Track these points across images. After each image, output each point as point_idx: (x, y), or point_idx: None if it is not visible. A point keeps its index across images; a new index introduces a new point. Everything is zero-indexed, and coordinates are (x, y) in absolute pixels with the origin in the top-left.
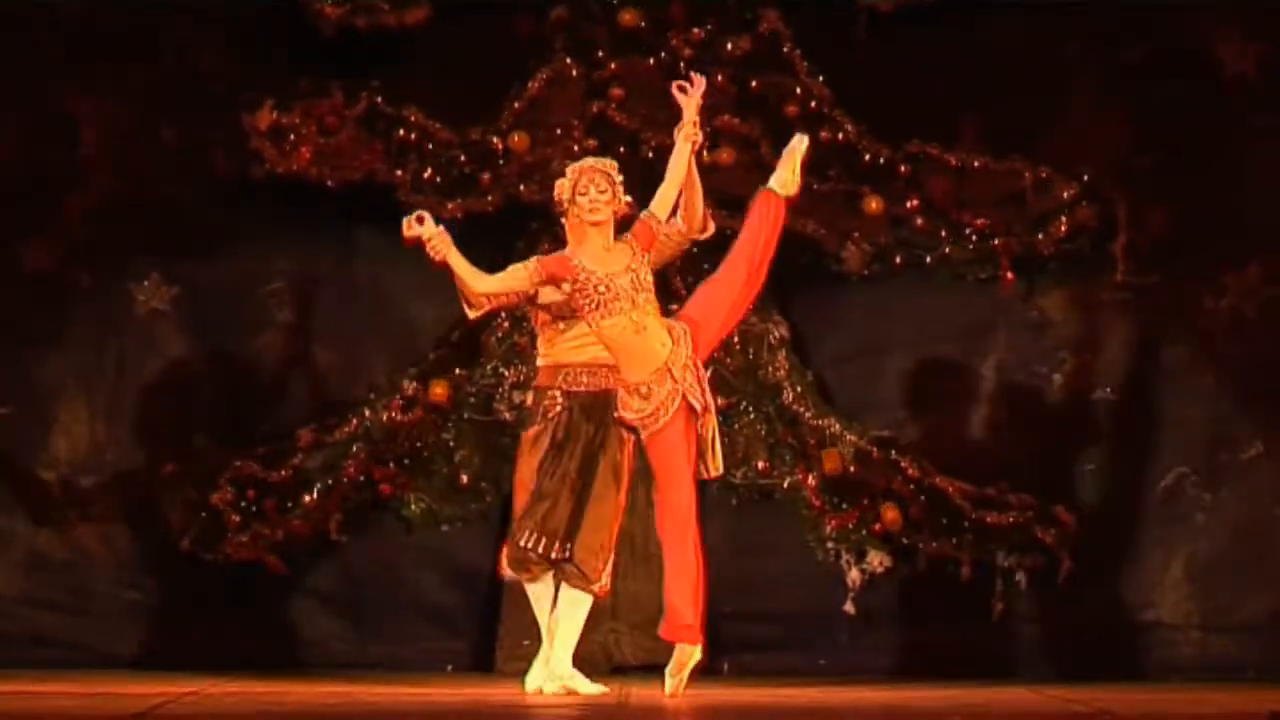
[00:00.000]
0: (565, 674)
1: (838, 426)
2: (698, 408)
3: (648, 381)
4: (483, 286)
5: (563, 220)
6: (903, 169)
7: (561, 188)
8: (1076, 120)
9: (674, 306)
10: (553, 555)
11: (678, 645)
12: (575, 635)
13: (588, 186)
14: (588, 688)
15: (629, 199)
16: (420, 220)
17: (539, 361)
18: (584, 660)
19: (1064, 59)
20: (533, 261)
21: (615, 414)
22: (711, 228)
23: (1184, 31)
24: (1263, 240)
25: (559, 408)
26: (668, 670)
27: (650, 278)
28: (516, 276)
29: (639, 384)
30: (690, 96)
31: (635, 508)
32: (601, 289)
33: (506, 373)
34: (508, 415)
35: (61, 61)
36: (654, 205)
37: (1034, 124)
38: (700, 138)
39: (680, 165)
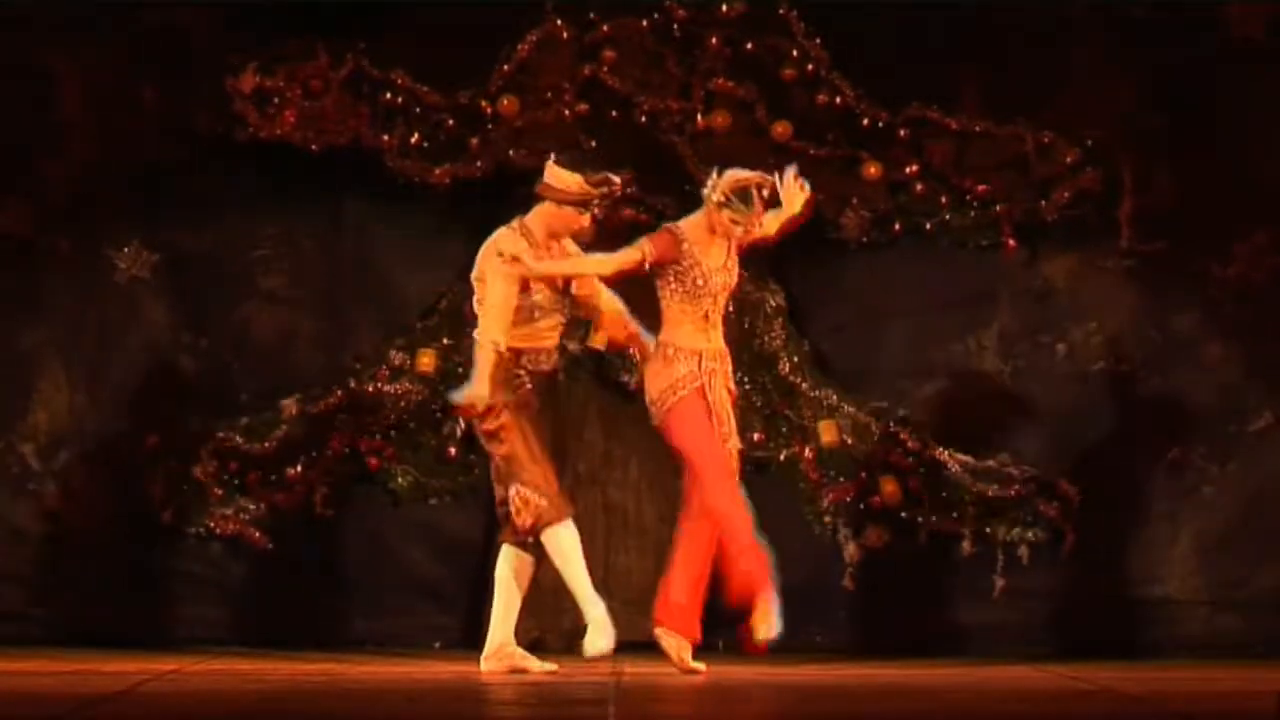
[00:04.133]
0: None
1: (835, 397)
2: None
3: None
4: (602, 270)
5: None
6: (902, 133)
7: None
8: (1080, 83)
9: None
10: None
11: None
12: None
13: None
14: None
15: None
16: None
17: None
18: (576, 636)
19: (1067, 20)
20: (643, 244)
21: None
22: None
23: None
24: (1271, 206)
25: (527, 386)
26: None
27: (734, 281)
28: (630, 260)
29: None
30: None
31: (629, 481)
32: (700, 281)
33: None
34: None
35: (40, 20)
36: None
37: (1037, 87)
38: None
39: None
